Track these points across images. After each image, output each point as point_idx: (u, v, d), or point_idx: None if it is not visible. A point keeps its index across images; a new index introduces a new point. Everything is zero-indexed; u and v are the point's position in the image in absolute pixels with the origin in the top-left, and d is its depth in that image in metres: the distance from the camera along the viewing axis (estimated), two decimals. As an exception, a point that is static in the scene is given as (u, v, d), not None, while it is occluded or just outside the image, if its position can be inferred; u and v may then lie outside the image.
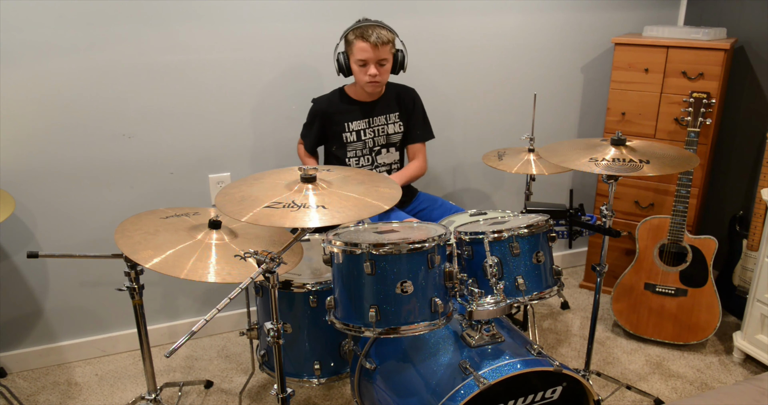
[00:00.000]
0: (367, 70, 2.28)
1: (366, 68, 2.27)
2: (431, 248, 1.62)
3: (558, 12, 2.95)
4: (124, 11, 2.28)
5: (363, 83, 2.33)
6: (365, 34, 2.22)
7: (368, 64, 2.26)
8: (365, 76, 2.29)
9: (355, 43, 2.24)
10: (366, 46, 2.23)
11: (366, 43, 2.22)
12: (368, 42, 2.22)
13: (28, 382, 2.48)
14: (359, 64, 2.28)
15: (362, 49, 2.24)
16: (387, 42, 2.25)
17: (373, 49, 2.23)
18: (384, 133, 2.47)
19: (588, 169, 1.92)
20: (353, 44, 2.26)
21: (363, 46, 2.23)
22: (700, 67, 2.66)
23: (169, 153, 2.52)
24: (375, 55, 2.25)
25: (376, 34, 2.22)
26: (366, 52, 2.24)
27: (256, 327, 2.14)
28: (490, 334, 1.72)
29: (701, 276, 2.56)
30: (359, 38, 2.23)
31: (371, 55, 2.24)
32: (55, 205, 2.42)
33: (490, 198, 3.20)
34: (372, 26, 2.24)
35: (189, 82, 2.45)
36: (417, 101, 2.54)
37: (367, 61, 2.26)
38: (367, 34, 2.22)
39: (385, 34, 2.24)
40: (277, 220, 1.44)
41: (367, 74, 2.28)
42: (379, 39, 2.22)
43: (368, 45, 2.22)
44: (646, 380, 2.46)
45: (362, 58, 2.26)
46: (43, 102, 2.29)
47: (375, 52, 2.24)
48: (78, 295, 2.56)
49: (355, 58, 2.27)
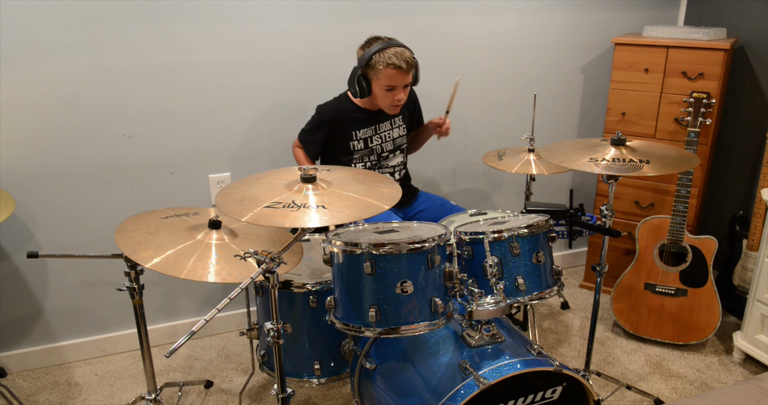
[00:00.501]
0: (394, 95, 2.26)
1: (393, 93, 2.26)
2: (431, 248, 1.62)
3: (558, 12, 2.95)
4: (124, 11, 2.28)
5: (387, 106, 2.33)
6: (394, 60, 2.18)
7: (396, 88, 2.25)
8: (392, 100, 2.28)
9: (384, 70, 2.19)
10: (397, 74, 2.20)
11: (397, 70, 2.19)
12: (400, 70, 2.19)
13: (28, 382, 2.48)
14: (386, 89, 2.25)
15: (393, 77, 2.21)
16: (414, 65, 2.24)
17: (404, 75, 2.22)
18: (390, 138, 2.46)
19: (588, 169, 1.92)
20: (380, 70, 2.20)
21: (394, 74, 2.20)
22: (700, 67, 2.66)
23: (169, 153, 2.52)
24: (404, 81, 2.24)
25: (405, 60, 2.19)
26: (396, 79, 2.22)
27: (256, 327, 2.15)
28: (490, 334, 1.72)
29: (701, 276, 2.56)
30: (390, 66, 2.18)
31: (401, 81, 2.23)
32: (55, 205, 2.42)
33: (490, 198, 3.20)
34: (397, 50, 2.19)
35: (189, 82, 2.45)
36: (416, 100, 2.57)
37: (396, 87, 2.25)
38: (397, 61, 2.18)
39: (411, 57, 2.22)
40: (277, 220, 1.44)
41: (395, 98, 2.27)
42: (408, 65, 2.20)
43: (400, 72, 2.20)
44: (646, 380, 2.46)
45: (392, 84, 2.23)
46: (43, 102, 2.29)
47: (405, 77, 2.23)
48: (78, 295, 2.56)
49: (382, 83, 2.23)
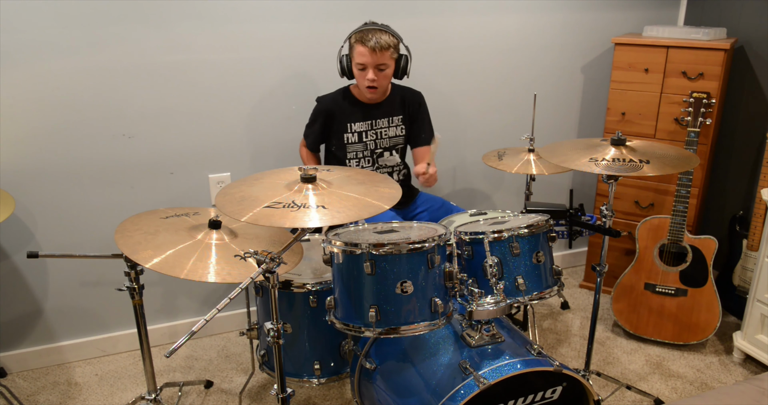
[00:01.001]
0: (365, 75, 2.27)
1: (365, 72, 2.27)
2: (431, 248, 1.62)
3: (558, 12, 2.95)
4: (124, 11, 2.28)
5: (362, 87, 2.34)
6: (365, 38, 2.21)
7: (367, 68, 2.26)
8: (364, 80, 2.29)
9: (356, 47, 2.24)
10: (365, 51, 2.22)
11: (365, 47, 2.21)
12: (367, 47, 2.20)
13: (28, 382, 2.48)
14: (359, 68, 2.27)
15: (361, 54, 2.23)
16: (387, 47, 2.23)
17: (371, 54, 2.22)
18: (386, 136, 2.46)
19: (588, 169, 1.92)
20: (354, 48, 2.25)
21: (362, 51, 2.22)
22: (700, 67, 2.66)
23: (169, 153, 2.52)
24: (373, 60, 2.23)
25: (376, 39, 2.20)
26: (364, 57, 2.23)
27: (256, 327, 2.15)
28: (490, 334, 1.72)
29: (701, 276, 2.56)
30: (359, 42, 2.22)
31: (369, 59, 2.23)
32: (55, 205, 2.42)
33: (490, 198, 3.20)
34: (374, 30, 2.23)
35: (189, 82, 2.45)
36: (423, 105, 2.54)
37: (366, 66, 2.25)
38: (366, 39, 2.20)
39: (385, 39, 2.22)
40: (277, 220, 1.44)
41: (366, 78, 2.28)
42: (378, 44, 2.20)
43: (367, 50, 2.21)
44: (646, 380, 2.46)
45: (361, 62, 2.25)
46: (43, 102, 2.29)
47: (373, 57, 2.22)
48: (78, 295, 2.56)
49: (355, 61, 2.26)
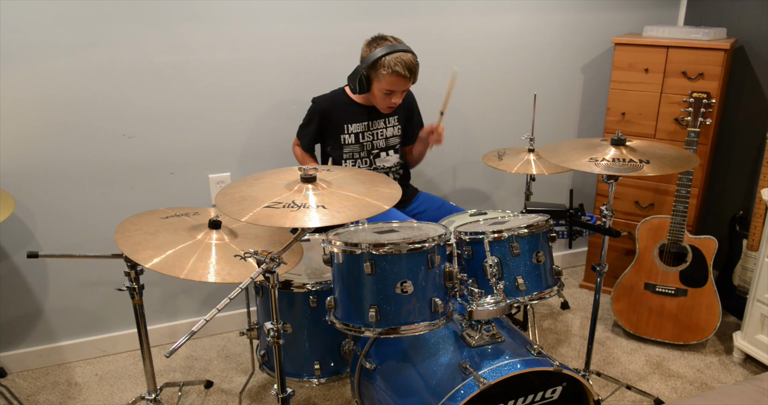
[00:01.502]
0: (391, 98, 2.27)
1: (391, 96, 2.27)
2: (431, 248, 1.62)
3: (558, 12, 2.95)
4: (123, 11, 2.28)
5: (383, 107, 2.33)
6: (400, 70, 2.17)
7: (395, 93, 2.26)
8: (389, 102, 2.29)
9: (387, 76, 2.19)
10: (399, 81, 2.20)
11: (400, 78, 2.19)
12: (404, 78, 2.19)
13: (28, 382, 2.48)
14: (385, 93, 2.25)
15: (394, 83, 2.21)
16: (416, 72, 2.23)
17: (405, 83, 2.22)
18: (383, 137, 2.46)
19: (588, 169, 1.92)
20: (383, 76, 2.20)
21: (396, 81, 2.20)
22: (700, 67, 2.66)
23: (169, 153, 2.52)
24: (405, 87, 2.25)
25: (409, 68, 2.18)
26: (398, 86, 2.23)
27: (256, 327, 2.14)
28: (490, 334, 1.72)
29: (701, 276, 2.56)
30: (394, 73, 2.18)
31: (402, 87, 2.24)
32: (55, 205, 2.42)
33: (490, 198, 3.20)
34: (402, 56, 2.17)
35: (189, 82, 2.45)
36: (414, 104, 2.55)
37: (396, 92, 2.25)
38: (402, 71, 2.17)
39: (414, 64, 2.21)
40: (277, 220, 1.44)
41: (392, 101, 2.28)
42: (411, 73, 2.20)
43: (402, 80, 2.20)
44: (646, 380, 2.46)
45: (391, 89, 2.24)
46: (43, 102, 2.29)
47: (406, 84, 2.24)
48: (78, 295, 2.56)
49: (383, 87, 2.23)
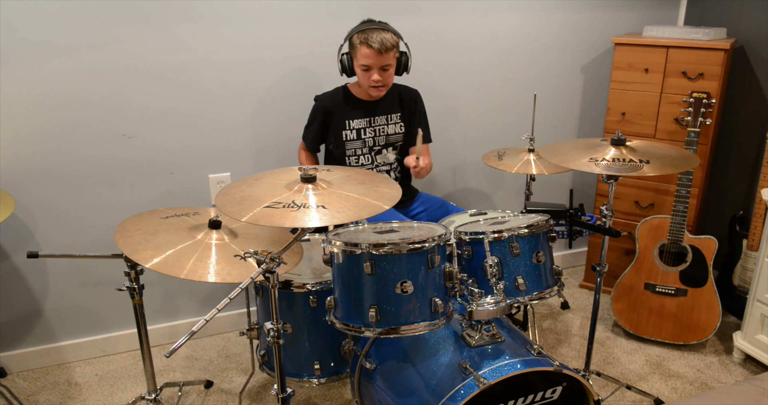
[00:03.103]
0: (370, 75, 2.27)
1: (369, 73, 2.27)
2: (431, 248, 1.62)
3: (558, 12, 2.95)
4: (124, 11, 2.28)
5: (366, 87, 2.33)
6: (369, 39, 2.19)
7: (372, 69, 2.26)
8: (369, 80, 2.29)
9: (360, 48, 2.22)
10: (370, 53, 2.21)
11: (370, 49, 2.20)
12: (372, 48, 2.19)
13: (28, 382, 2.48)
14: (363, 69, 2.27)
15: (366, 55, 2.22)
16: (391, 48, 2.23)
17: (376, 55, 2.21)
18: (384, 133, 2.46)
19: (588, 169, 1.92)
20: (357, 49, 2.24)
21: (367, 52, 2.21)
22: (700, 67, 2.66)
23: (169, 153, 2.52)
24: (378, 61, 2.23)
25: (380, 40, 2.19)
26: (370, 58, 2.22)
27: (256, 327, 2.14)
28: (490, 334, 1.72)
29: (701, 276, 2.56)
30: (363, 44, 2.21)
31: (375, 61, 2.23)
32: (55, 205, 2.42)
33: (490, 198, 3.20)
34: (377, 30, 2.21)
35: (189, 82, 2.45)
36: (420, 103, 2.54)
37: (371, 67, 2.25)
38: (371, 40, 2.19)
39: (389, 39, 2.21)
40: (277, 220, 1.44)
41: (371, 79, 2.28)
42: (383, 45, 2.19)
43: (372, 51, 2.20)
44: (646, 380, 2.46)
45: (366, 64, 2.24)
46: (43, 102, 2.29)
47: (379, 58, 2.22)
48: (78, 295, 2.56)
49: (359, 62, 2.26)
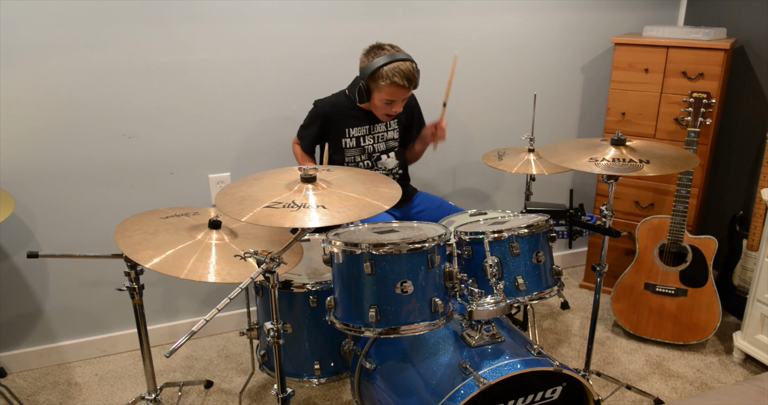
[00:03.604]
0: (392, 107, 2.28)
1: (391, 106, 2.28)
2: (431, 248, 1.62)
3: (558, 12, 2.95)
4: (124, 11, 2.28)
5: (381, 115, 2.35)
6: (399, 80, 2.17)
7: (396, 102, 2.27)
8: (389, 110, 2.30)
9: (387, 87, 2.20)
10: (398, 91, 2.21)
11: (400, 88, 2.20)
12: (402, 87, 2.19)
13: (28, 382, 2.48)
14: (386, 102, 2.26)
15: (395, 93, 2.22)
16: (416, 80, 2.23)
17: (405, 92, 2.23)
18: (383, 139, 2.46)
19: (588, 169, 1.92)
20: (383, 86, 2.20)
21: (395, 91, 2.21)
22: (700, 67, 2.66)
23: (169, 153, 2.52)
24: (405, 96, 2.26)
25: (409, 78, 2.19)
26: (398, 95, 2.24)
27: (256, 327, 2.14)
28: (490, 334, 1.72)
29: (701, 276, 2.56)
30: (393, 84, 2.18)
31: (402, 96, 2.25)
32: (55, 205, 2.42)
33: (490, 198, 3.20)
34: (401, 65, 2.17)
35: (189, 82, 2.45)
36: (416, 106, 2.55)
37: (396, 101, 2.26)
38: (401, 82, 2.18)
39: (413, 73, 2.21)
40: (277, 220, 1.44)
41: (392, 110, 2.29)
42: (411, 83, 2.20)
43: (401, 90, 2.21)
44: (646, 380, 2.46)
45: (392, 99, 2.25)
46: (43, 102, 2.29)
47: (406, 93, 2.25)
48: (78, 295, 2.56)
49: (383, 97, 2.24)
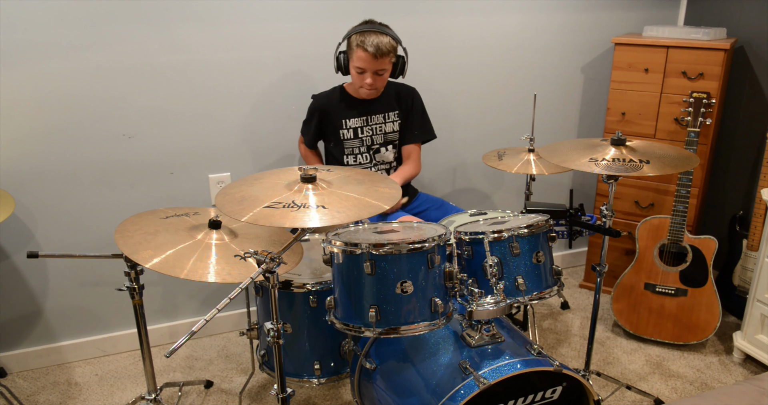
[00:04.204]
0: (364, 78, 2.28)
1: (363, 76, 2.28)
2: (431, 248, 1.62)
3: (558, 12, 2.95)
4: (124, 11, 2.28)
5: (358, 87, 2.35)
6: (366, 43, 2.19)
7: (366, 72, 2.26)
8: (362, 82, 2.30)
9: (356, 50, 2.23)
10: (365, 56, 2.21)
11: (365, 53, 2.20)
12: (368, 52, 2.20)
13: (28, 382, 2.48)
14: (357, 71, 2.28)
15: (361, 59, 2.23)
16: (387, 53, 2.23)
17: (372, 59, 2.22)
18: (382, 132, 2.46)
19: (588, 169, 1.92)
20: (354, 50, 2.24)
21: (362, 56, 2.22)
22: (700, 67, 2.66)
23: (169, 153, 2.52)
24: (373, 66, 2.24)
25: (377, 45, 2.19)
26: (364, 62, 2.23)
27: (256, 327, 2.15)
28: (490, 334, 1.72)
29: (701, 276, 2.56)
30: (360, 47, 2.21)
31: (369, 64, 2.23)
32: (55, 205, 2.42)
33: (490, 198, 3.20)
34: (375, 33, 2.21)
35: (189, 82, 2.45)
36: (416, 101, 2.53)
37: (365, 70, 2.26)
38: (368, 44, 2.19)
39: (385, 45, 2.21)
40: (277, 220, 1.44)
41: (364, 82, 2.29)
42: (378, 50, 2.19)
43: (368, 55, 2.20)
44: (646, 380, 2.46)
45: (360, 67, 2.25)
46: (43, 102, 2.29)
47: (373, 62, 2.23)
48: (78, 295, 2.56)
49: (354, 64, 2.26)
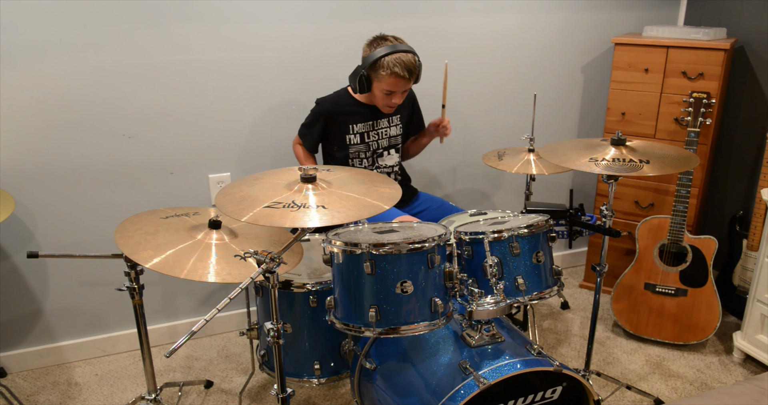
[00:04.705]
0: (391, 98, 2.28)
1: (391, 97, 2.27)
2: (431, 248, 1.62)
3: (558, 12, 2.95)
4: (124, 11, 2.28)
5: (381, 106, 2.34)
6: (399, 71, 2.16)
7: (395, 93, 2.26)
8: (389, 102, 2.29)
9: (387, 77, 2.19)
10: (399, 82, 2.20)
11: (398, 79, 2.19)
12: (400, 77, 2.19)
13: (28, 382, 2.48)
14: (385, 93, 2.26)
15: (394, 83, 2.21)
16: (416, 72, 2.23)
17: (405, 83, 2.22)
18: (387, 136, 2.46)
19: (588, 169, 1.92)
20: (383, 76, 2.20)
21: (396, 81, 2.20)
22: (700, 67, 2.66)
23: (169, 153, 2.52)
24: (403, 87, 2.25)
25: (409, 69, 2.18)
26: (398, 86, 2.23)
27: (256, 327, 2.15)
28: (490, 334, 1.72)
29: (701, 276, 2.56)
30: (393, 74, 2.18)
31: (400, 87, 2.24)
32: (55, 205, 2.42)
33: (490, 198, 3.20)
34: (402, 56, 2.17)
35: (189, 82, 2.45)
36: (415, 102, 2.56)
37: (396, 92, 2.26)
38: (401, 72, 2.17)
39: (413, 64, 2.20)
40: (277, 220, 1.44)
41: (391, 101, 2.29)
42: (411, 73, 2.20)
43: (399, 80, 2.20)
44: (646, 380, 2.46)
45: (391, 90, 2.24)
46: (43, 102, 2.29)
47: (406, 85, 2.24)
48: (78, 295, 2.56)
49: (383, 87, 2.23)
